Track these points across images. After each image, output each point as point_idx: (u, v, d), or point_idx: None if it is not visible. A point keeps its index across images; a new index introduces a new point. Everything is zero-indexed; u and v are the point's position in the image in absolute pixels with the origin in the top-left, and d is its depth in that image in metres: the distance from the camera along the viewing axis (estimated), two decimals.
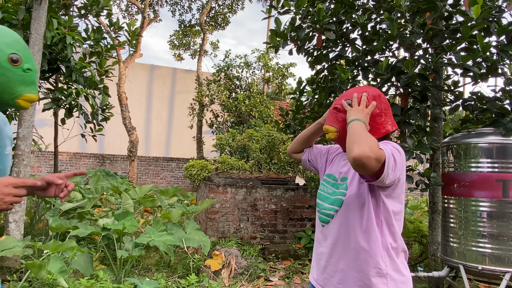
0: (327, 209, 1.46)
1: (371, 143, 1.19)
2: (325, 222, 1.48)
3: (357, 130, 1.27)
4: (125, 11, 16.83)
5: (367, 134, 1.25)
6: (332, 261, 1.42)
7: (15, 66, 1.12)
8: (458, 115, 14.24)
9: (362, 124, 1.30)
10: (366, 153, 1.15)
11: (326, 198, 1.49)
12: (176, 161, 15.54)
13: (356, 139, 1.22)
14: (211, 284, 3.89)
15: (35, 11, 3.70)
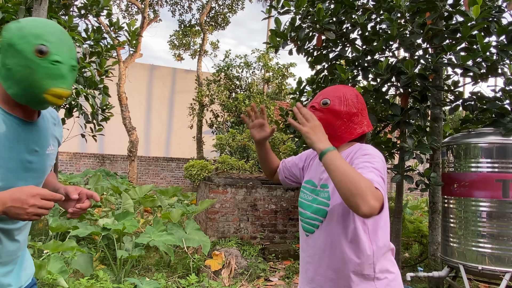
0: (311, 219, 1.42)
1: (370, 189, 1.11)
2: (309, 232, 1.44)
3: (343, 172, 1.13)
4: (125, 11, 16.84)
5: (355, 174, 1.13)
6: (321, 271, 1.40)
7: (41, 57, 1.04)
8: (458, 115, 14.23)
9: (337, 156, 1.17)
10: (374, 207, 1.10)
11: (308, 206, 1.45)
12: (176, 161, 15.54)
13: (353, 190, 1.10)
14: (211, 284, 3.89)
15: (35, 11, 3.70)
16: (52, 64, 1.05)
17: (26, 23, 1.06)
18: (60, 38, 1.08)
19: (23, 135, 1.11)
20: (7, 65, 1.05)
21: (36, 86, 1.05)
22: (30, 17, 1.11)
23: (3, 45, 1.05)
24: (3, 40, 1.05)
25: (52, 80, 1.05)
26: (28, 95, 1.06)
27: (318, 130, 1.24)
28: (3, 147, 1.06)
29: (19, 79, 1.05)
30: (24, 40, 1.04)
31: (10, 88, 1.06)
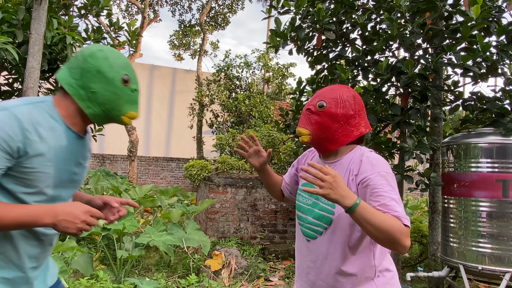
0: (313, 224, 1.40)
1: (400, 232, 1.16)
2: (311, 237, 1.41)
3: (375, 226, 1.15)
4: (125, 11, 16.84)
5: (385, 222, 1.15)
6: (322, 277, 1.38)
7: (126, 86, 1.21)
8: (458, 115, 14.24)
9: (365, 210, 1.15)
10: (408, 246, 1.19)
11: (308, 211, 1.42)
12: (176, 161, 15.54)
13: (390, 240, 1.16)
14: (211, 284, 3.89)
15: (35, 11, 3.70)
16: (132, 91, 1.23)
17: (109, 54, 1.21)
18: (133, 69, 1.27)
19: (75, 149, 1.23)
20: (92, 89, 1.17)
21: (117, 109, 1.21)
22: (107, 47, 1.24)
23: (89, 71, 1.17)
24: (90, 66, 1.17)
25: (130, 105, 1.23)
26: (107, 115, 1.21)
27: (336, 185, 1.15)
28: (61, 159, 1.17)
29: (102, 102, 1.18)
30: (113, 70, 1.19)
31: (90, 108, 1.19)
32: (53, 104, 1.18)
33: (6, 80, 4.59)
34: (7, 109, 1.06)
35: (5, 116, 1.05)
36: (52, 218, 1.07)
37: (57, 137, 1.15)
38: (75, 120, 1.21)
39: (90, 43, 4.84)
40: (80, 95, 1.18)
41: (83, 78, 1.17)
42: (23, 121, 1.07)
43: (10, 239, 1.12)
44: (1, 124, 1.04)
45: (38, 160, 1.10)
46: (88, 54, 1.19)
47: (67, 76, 1.19)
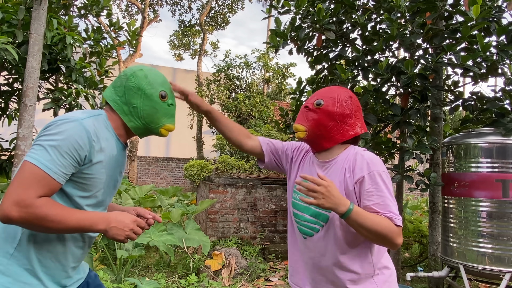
0: (310, 222, 1.42)
1: (393, 231, 1.26)
2: (308, 235, 1.43)
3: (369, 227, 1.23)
4: (125, 11, 16.84)
5: (380, 225, 1.24)
6: (322, 272, 1.41)
7: (163, 101, 1.34)
8: (458, 115, 14.23)
9: (358, 214, 1.23)
10: (400, 243, 1.28)
11: (305, 209, 1.43)
12: (176, 161, 15.53)
13: (382, 240, 1.26)
14: (211, 284, 3.89)
15: (35, 11, 3.70)
16: (169, 106, 1.37)
17: (148, 72, 1.34)
18: (169, 85, 1.41)
19: (120, 159, 1.36)
20: (133, 104, 1.31)
21: (156, 122, 1.35)
22: (147, 67, 1.38)
23: (131, 88, 1.31)
24: (131, 84, 1.31)
25: (167, 118, 1.37)
26: (147, 128, 1.34)
27: (329, 194, 1.21)
28: (112, 167, 1.30)
29: (143, 116, 1.32)
30: (152, 87, 1.32)
31: (132, 122, 1.32)
32: (107, 117, 1.32)
33: (6, 80, 4.59)
34: (76, 120, 1.18)
35: (75, 127, 1.16)
36: (105, 225, 1.17)
37: (110, 147, 1.28)
38: (121, 132, 1.34)
39: (90, 43, 4.84)
40: (124, 110, 1.32)
41: (126, 95, 1.31)
42: (90, 132, 1.19)
43: (62, 241, 1.23)
44: (73, 135, 1.14)
45: (97, 167, 1.22)
46: (130, 74, 1.33)
47: (112, 94, 1.34)
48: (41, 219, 1.08)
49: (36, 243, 1.19)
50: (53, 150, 1.11)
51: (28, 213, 1.07)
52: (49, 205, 1.10)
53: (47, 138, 1.13)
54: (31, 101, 3.78)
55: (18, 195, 1.07)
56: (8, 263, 1.16)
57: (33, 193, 1.08)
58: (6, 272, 1.15)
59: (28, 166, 1.10)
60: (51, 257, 1.21)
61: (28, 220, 1.07)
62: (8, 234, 1.18)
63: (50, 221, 1.09)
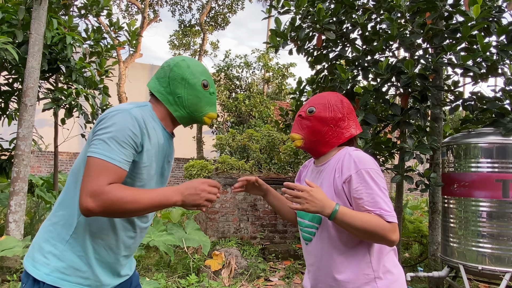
0: (308, 227, 1.46)
1: (385, 228, 1.25)
2: (307, 240, 1.47)
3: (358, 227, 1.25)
4: (125, 11, 16.84)
5: (370, 224, 1.24)
6: (321, 278, 1.42)
7: (205, 90, 1.38)
8: (458, 115, 14.24)
9: (345, 214, 1.25)
10: (397, 239, 1.27)
11: (305, 215, 1.48)
12: (176, 161, 15.53)
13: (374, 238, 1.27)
14: (211, 284, 3.89)
15: (35, 11, 3.70)
16: (211, 94, 1.40)
17: (190, 62, 1.38)
18: (209, 74, 1.43)
19: (167, 148, 1.39)
20: (178, 94, 1.35)
21: (200, 111, 1.38)
22: (188, 57, 1.42)
23: (175, 78, 1.35)
24: (175, 74, 1.35)
25: (210, 106, 1.41)
26: (191, 117, 1.38)
27: (313, 198, 1.25)
28: (160, 156, 1.35)
29: (187, 105, 1.36)
30: (194, 76, 1.36)
31: (177, 111, 1.36)
32: (152, 108, 1.36)
33: (6, 80, 4.59)
34: (126, 110, 1.22)
35: (126, 116, 1.20)
36: (180, 196, 1.19)
37: (157, 136, 1.32)
38: (167, 122, 1.39)
39: (90, 43, 4.84)
40: (169, 100, 1.36)
41: (170, 86, 1.35)
42: (140, 121, 1.23)
43: (114, 229, 1.28)
44: (126, 124, 1.19)
45: (148, 155, 1.27)
46: (174, 64, 1.37)
47: (157, 85, 1.37)
48: (117, 203, 1.12)
49: (91, 231, 1.24)
50: (111, 141, 1.16)
51: (103, 200, 1.11)
52: (120, 189, 1.15)
53: (103, 131, 1.18)
54: (31, 101, 3.77)
55: (89, 187, 1.12)
56: (64, 249, 1.23)
57: (102, 181, 1.13)
58: (61, 257, 1.22)
59: (92, 161, 1.16)
60: (104, 246, 1.27)
61: (106, 207, 1.12)
62: (66, 222, 1.25)
63: (125, 202, 1.13)
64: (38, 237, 1.29)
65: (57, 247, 1.23)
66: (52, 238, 1.24)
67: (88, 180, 1.14)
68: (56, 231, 1.25)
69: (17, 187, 3.73)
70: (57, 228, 1.25)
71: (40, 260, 1.22)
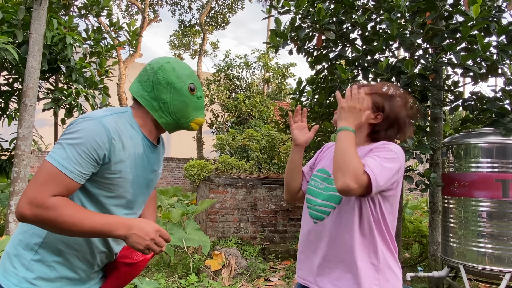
0: (322, 205, 1.43)
1: (355, 170, 1.21)
2: (318, 219, 1.44)
3: (343, 149, 1.26)
4: (125, 11, 16.85)
5: (352, 154, 1.24)
6: (330, 258, 1.40)
7: (192, 94, 1.29)
8: (458, 115, 14.24)
9: (349, 137, 1.29)
10: (349, 186, 1.20)
11: (318, 194, 1.46)
12: (176, 161, 15.53)
13: (340, 165, 1.25)
14: (211, 284, 3.89)
15: (35, 11, 3.70)
16: (198, 98, 1.31)
17: (176, 65, 1.29)
18: (196, 77, 1.34)
19: (151, 157, 1.31)
20: (163, 99, 1.26)
21: (186, 117, 1.30)
22: (173, 58, 1.32)
23: (160, 83, 1.25)
24: (160, 78, 1.26)
25: (197, 111, 1.32)
26: (177, 123, 1.30)
27: (351, 111, 1.33)
28: (139, 166, 1.26)
29: (173, 111, 1.27)
30: (180, 80, 1.27)
31: (162, 118, 1.27)
32: (133, 115, 1.27)
33: (6, 80, 4.59)
34: (96, 118, 1.14)
35: (94, 125, 1.12)
36: (125, 231, 1.12)
37: (136, 145, 1.23)
38: (150, 129, 1.30)
39: (90, 43, 4.84)
40: (153, 106, 1.27)
41: (155, 90, 1.26)
42: (110, 130, 1.14)
43: (88, 241, 1.21)
44: (92, 133, 1.11)
45: (120, 166, 1.18)
46: (158, 67, 1.27)
47: (140, 89, 1.28)
48: (52, 220, 1.06)
49: (62, 240, 1.17)
50: (70, 149, 1.09)
51: (39, 213, 1.05)
52: (62, 206, 1.08)
53: (66, 137, 1.12)
54: (31, 101, 3.78)
55: (31, 194, 1.06)
56: (32, 259, 1.16)
57: (46, 192, 1.07)
58: (29, 267, 1.16)
59: (45, 164, 1.10)
60: (79, 256, 1.21)
61: (40, 219, 1.06)
62: (35, 231, 1.18)
63: (62, 222, 1.07)
64: (9, 246, 1.22)
65: (26, 256, 1.17)
66: (22, 247, 1.18)
67: (34, 184, 1.07)
68: (26, 240, 1.18)
69: (17, 187, 3.73)
70: (26, 237, 1.19)
71: (10, 269, 1.17)
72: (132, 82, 1.33)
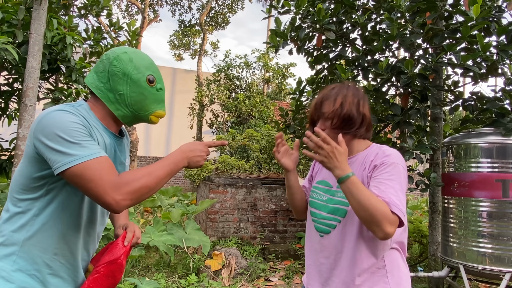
0: (327, 219, 1.41)
1: (385, 216, 1.17)
2: (324, 232, 1.42)
3: (359, 202, 1.18)
4: (125, 11, 16.85)
5: (371, 202, 1.17)
6: (336, 273, 1.38)
7: (151, 86, 1.25)
8: (458, 115, 14.24)
9: (355, 185, 1.20)
10: (390, 233, 1.18)
11: (322, 207, 1.44)
12: None
13: (368, 220, 1.18)
14: (211, 284, 3.89)
15: (35, 11, 3.70)
16: (157, 91, 1.27)
17: (134, 55, 1.24)
18: (156, 68, 1.30)
19: (117, 149, 1.29)
20: (119, 91, 1.21)
21: (145, 109, 1.26)
22: (131, 49, 1.27)
23: (115, 74, 1.21)
24: (115, 69, 1.21)
25: (157, 104, 1.28)
26: (136, 116, 1.26)
27: (333, 155, 1.22)
28: (109, 156, 1.21)
29: (130, 103, 1.23)
30: (138, 71, 1.22)
31: (119, 110, 1.23)
32: (89, 108, 1.22)
33: (6, 80, 4.59)
34: (63, 110, 1.10)
35: (66, 114, 1.09)
36: (186, 160, 1.19)
37: (102, 136, 1.20)
38: (108, 121, 1.25)
39: (90, 43, 4.84)
40: (109, 98, 1.22)
41: (110, 82, 1.22)
42: (79, 116, 1.12)
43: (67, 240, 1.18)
44: (70, 119, 1.07)
45: None
46: (114, 58, 1.22)
47: (95, 80, 1.23)
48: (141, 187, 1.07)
49: (40, 246, 1.14)
50: (75, 140, 1.06)
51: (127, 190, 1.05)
52: (133, 174, 1.09)
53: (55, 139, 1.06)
54: (31, 101, 3.77)
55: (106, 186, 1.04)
56: (11, 270, 1.12)
57: (111, 176, 1.05)
58: (9, 278, 1.12)
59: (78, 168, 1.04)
60: (59, 259, 1.18)
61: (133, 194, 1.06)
62: (10, 241, 1.14)
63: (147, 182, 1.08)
64: None
65: (5, 268, 1.12)
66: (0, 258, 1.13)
67: (97, 183, 1.03)
68: (2, 252, 1.13)
69: None
70: (2, 248, 1.14)
71: None
72: (88, 72, 1.28)
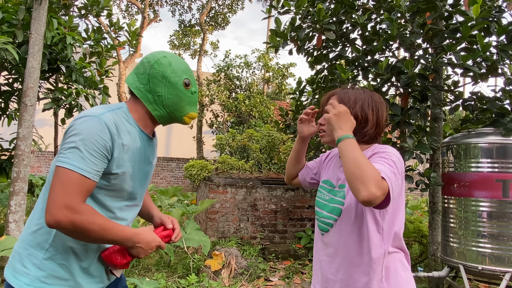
0: (326, 218, 1.44)
1: (375, 176, 1.14)
2: (324, 230, 1.46)
3: (353, 158, 1.19)
4: (125, 11, 16.85)
5: (365, 161, 1.17)
6: (332, 271, 1.40)
7: (187, 89, 1.33)
8: (458, 115, 14.24)
9: (352, 145, 1.23)
10: (374, 194, 1.11)
11: (324, 206, 1.47)
12: (176, 161, 15.53)
13: (357, 175, 1.15)
14: (211, 284, 3.89)
15: (35, 11, 3.70)
16: (192, 94, 1.35)
17: (172, 59, 1.32)
18: (191, 72, 1.38)
19: (147, 150, 1.36)
20: (158, 93, 1.29)
21: (180, 111, 1.34)
22: (170, 53, 1.36)
23: (155, 76, 1.29)
24: (156, 72, 1.29)
25: (191, 106, 1.36)
26: (171, 116, 1.34)
27: (341, 117, 1.30)
28: (137, 160, 1.30)
29: (167, 104, 1.31)
30: (176, 74, 1.30)
31: (156, 111, 1.31)
32: (128, 110, 1.30)
33: (6, 80, 4.59)
34: (95, 116, 1.17)
35: (96, 122, 1.15)
36: (132, 244, 1.22)
37: (133, 140, 1.27)
38: (146, 122, 1.33)
39: (90, 43, 4.84)
40: (148, 99, 1.30)
41: (150, 83, 1.29)
42: (110, 126, 1.18)
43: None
44: (96, 131, 1.14)
45: (121, 161, 1.22)
46: (154, 61, 1.30)
47: (136, 81, 1.31)
48: (86, 227, 1.10)
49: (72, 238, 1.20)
50: (80, 150, 1.12)
51: (75, 218, 1.09)
52: (94, 213, 1.13)
53: (72, 139, 1.13)
54: (31, 101, 3.77)
55: (63, 200, 1.08)
56: (43, 258, 1.19)
57: (77, 197, 1.10)
58: (41, 266, 1.18)
59: (62, 171, 1.11)
60: (88, 250, 1.23)
61: (75, 225, 1.09)
62: (45, 229, 1.20)
63: (92, 229, 1.11)
64: (17, 246, 1.25)
65: (37, 256, 1.19)
66: (31, 246, 1.20)
67: (61, 192, 1.09)
68: (35, 240, 1.20)
69: (17, 187, 3.73)
70: (36, 236, 1.21)
71: (20, 269, 1.19)
72: (129, 74, 1.35)
